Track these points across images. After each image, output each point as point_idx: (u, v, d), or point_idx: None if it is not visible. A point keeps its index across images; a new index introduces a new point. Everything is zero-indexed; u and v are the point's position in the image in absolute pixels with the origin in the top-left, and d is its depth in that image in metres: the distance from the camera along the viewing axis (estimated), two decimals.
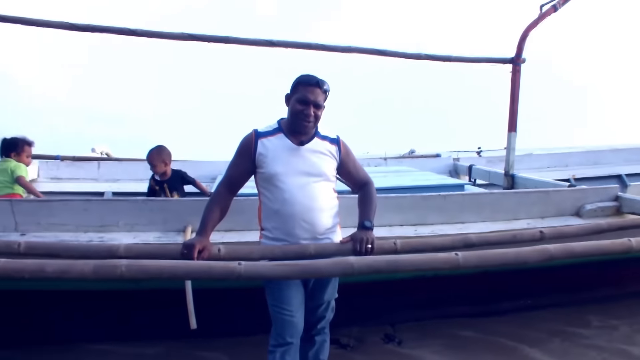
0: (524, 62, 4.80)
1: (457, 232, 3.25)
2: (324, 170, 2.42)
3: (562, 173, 6.17)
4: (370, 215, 2.45)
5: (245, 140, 2.45)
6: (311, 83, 2.34)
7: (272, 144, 2.40)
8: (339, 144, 2.50)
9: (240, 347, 3.38)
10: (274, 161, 2.36)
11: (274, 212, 2.38)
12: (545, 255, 2.16)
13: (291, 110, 2.38)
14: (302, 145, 2.40)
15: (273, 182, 2.36)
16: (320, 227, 2.40)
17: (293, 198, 2.33)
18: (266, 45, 4.32)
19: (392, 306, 3.79)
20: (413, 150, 8.46)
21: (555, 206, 3.52)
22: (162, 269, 1.92)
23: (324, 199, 2.42)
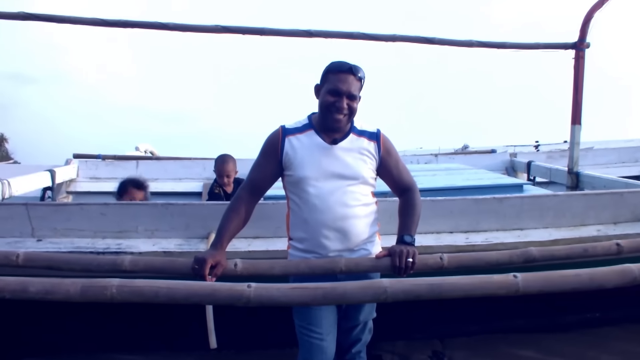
0: (589, 47, 4.24)
1: (515, 241, 2.83)
2: (360, 172, 2.07)
3: (632, 169, 5.51)
4: (412, 228, 2.06)
5: (271, 139, 2.13)
6: (343, 70, 2.00)
7: (301, 142, 2.08)
8: (379, 140, 2.13)
9: None
10: (303, 163, 2.05)
11: (302, 220, 2.06)
12: (627, 278, 1.72)
13: (321, 103, 2.05)
14: (335, 144, 2.06)
15: (302, 187, 2.05)
16: (355, 238, 2.06)
17: (324, 205, 2.01)
18: (304, 36, 4.00)
19: (441, 317, 3.36)
20: (467, 145, 7.94)
21: (630, 210, 3.01)
22: (157, 291, 1.61)
23: (360, 205, 2.07)
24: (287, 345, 3.08)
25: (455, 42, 4.12)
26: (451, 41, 4.11)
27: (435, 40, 4.06)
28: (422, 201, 2.18)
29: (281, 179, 2.17)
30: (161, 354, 3.18)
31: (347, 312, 2.16)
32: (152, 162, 5.78)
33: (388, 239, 2.28)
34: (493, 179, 4.00)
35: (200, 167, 5.60)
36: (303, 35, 4.00)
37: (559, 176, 4.71)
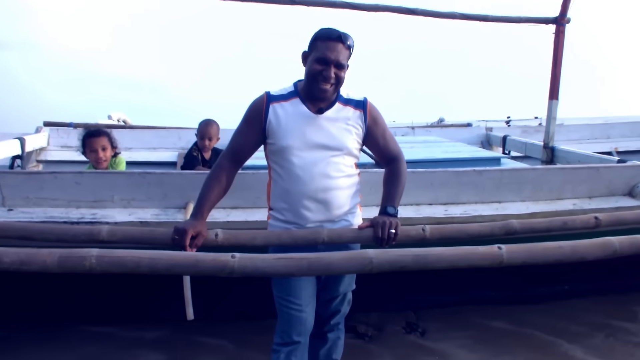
0: (569, 22, 4.26)
1: (493, 213, 2.86)
2: (345, 142, 2.02)
3: (604, 145, 5.61)
4: (396, 199, 2.03)
5: (255, 105, 2.05)
6: (332, 37, 1.92)
7: (286, 110, 2.01)
8: (366, 108, 2.07)
9: (248, 333, 3.08)
10: (287, 132, 1.98)
11: (284, 190, 2.01)
12: (608, 251, 1.75)
13: (308, 71, 1.97)
14: (321, 114, 2.00)
15: (285, 156, 1.99)
16: (337, 209, 2.03)
17: (307, 175, 1.96)
18: (286, 4, 3.90)
19: (415, 289, 3.40)
20: (442, 118, 7.95)
21: (605, 185, 3.06)
22: (139, 262, 1.56)
23: (343, 177, 2.03)
24: (267, 316, 3.11)
25: (437, 14, 4.10)
26: (434, 12, 4.08)
27: (418, 11, 4.01)
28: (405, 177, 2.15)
29: (263, 147, 2.11)
30: (135, 326, 3.15)
31: (327, 284, 2.13)
32: (125, 131, 5.61)
33: (368, 210, 2.27)
34: (471, 152, 4.03)
35: (175, 136, 5.48)
36: (285, 2, 3.91)
37: (534, 150, 4.77)
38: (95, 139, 3.27)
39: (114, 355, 2.86)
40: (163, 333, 3.09)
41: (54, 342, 2.96)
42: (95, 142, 3.26)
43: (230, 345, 2.98)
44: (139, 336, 3.05)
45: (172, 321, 3.16)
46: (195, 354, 2.90)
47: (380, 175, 2.51)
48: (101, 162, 3.28)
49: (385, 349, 2.98)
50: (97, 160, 3.27)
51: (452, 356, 2.90)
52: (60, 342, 2.96)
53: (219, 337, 3.05)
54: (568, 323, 3.24)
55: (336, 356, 2.28)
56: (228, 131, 5.26)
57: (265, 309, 2.86)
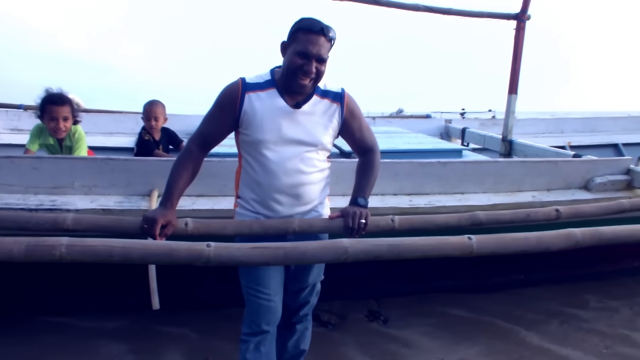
0: (529, 19, 4.39)
1: (456, 204, 2.95)
2: (320, 138, 1.99)
3: (558, 140, 5.84)
4: (367, 190, 2.05)
5: (230, 91, 1.96)
6: (314, 30, 1.84)
7: (262, 102, 1.94)
8: (343, 101, 2.03)
9: (211, 322, 3.08)
10: (262, 125, 1.92)
11: (256, 182, 1.98)
12: (571, 241, 1.83)
13: (288, 63, 1.89)
14: (298, 108, 1.95)
15: (259, 149, 1.94)
16: (309, 203, 2.04)
17: (280, 170, 1.94)
18: None
19: (377, 278, 3.47)
20: (401, 109, 8.06)
21: (562, 178, 3.20)
22: (111, 251, 1.53)
23: (316, 172, 2.02)
24: (231, 304, 3.10)
25: (401, 5, 4.14)
26: (398, 4, 4.12)
27: (382, 2, 4.07)
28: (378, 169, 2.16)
29: (234, 134, 2.05)
30: (95, 316, 3.09)
31: (297, 274, 2.14)
32: (80, 114, 5.42)
33: (332, 199, 2.30)
34: (433, 144, 4.11)
35: (133, 121, 5.33)
36: None
37: (493, 143, 4.91)
38: (58, 108, 3.06)
39: (75, 346, 2.79)
40: (123, 323, 3.05)
41: (11, 336, 2.87)
42: (57, 111, 3.05)
43: (194, 335, 2.96)
44: (99, 326, 2.99)
45: (133, 311, 3.12)
46: (159, 343, 2.87)
47: (345, 165, 2.54)
48: (60, 132, 3.10)
49: (348, 337, 3.03)
50: (55, 130, 3.08)
51: (414, 343, 2.98)
52: (18, 336, 2.88)
53: (182, 326, 3.03)
54: (524, 311, 3.38)
55: (304, 346, 2.31)
56: (191, 117, 5.17)
57: (229, 297, 2.87)
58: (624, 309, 3.44)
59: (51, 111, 3.06)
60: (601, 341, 3.01)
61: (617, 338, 3.05)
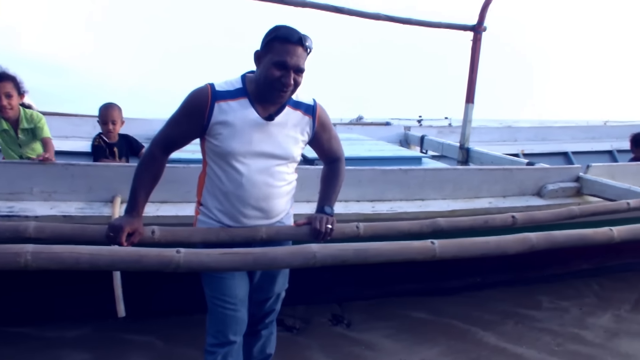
0: (485, 31, 4.56)
1: (417, 210, 3.03)
2: (291, 152, 1.96)
3: (511, 147, 6.07)
4: (333, 198, 2.07)
5: (198, 99, 1.87)
6: (292, 40, 1.77)
7: (233, 112, 1.86)
8: (315, 114, 2.00)
9: (176, 329, 3.05)
10: (233, 137, 1.86)
11: (222, 193, 1.93)
12: (527, 245, 1.94)
13: (264, 74, 1.81)
14: (271, 120, 1.89)
15: (228, 161, 1.89)
16: (275, 216, 2.01)
17: (249, 183, 1.89)
18: None
19: (340, 282, 3.53)
20: (361, 116, 8.15)
21: (517, 185, 3.34)
22: (78, 258, 1.52)
23: (285, 184, 2.01)
24: (195, 311, 3.08)
25: (363, 14, 4.22)
26: (360, 12, 4.19)
27: (345, 10, 4.12)
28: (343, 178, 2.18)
29: (199, 140, 1.98)
30: (54, 325, 3.01)
31: (261, 285, 2.12)
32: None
33: (298, 206, 2.32)
34: (394, 151, 4.21)
35: (90, 125, 5.22)
36: None
37: (451, 151, 5.06)
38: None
39: (34, 358, 2.72)
40: (85, 331, 2.98)
41: None
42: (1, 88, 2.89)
43: (159, 342, 2.93)
44: (59, 336, 2.91)
45: (95, 319, 3.06)
46: (123, 351, 2.83)
47: (309, 172, 2.56)
48: (5, 111, 2.93)
49: (313, 341, 3.06)
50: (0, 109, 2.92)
51: (377, 345, 3.04)
52: None
53: (147, 334, 2.99)
54: (482, 312, 3.50)
55: (270, 350, 2.32)
56: (151, 122, 5.06)
57: (194, 303, 2.86)
58: (574, 309, 3.61)
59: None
60: (553, 339, 3.15)
61: (568, 336, 3.19)
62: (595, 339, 3.18)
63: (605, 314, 3.56)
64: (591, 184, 3.38)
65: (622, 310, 3.63)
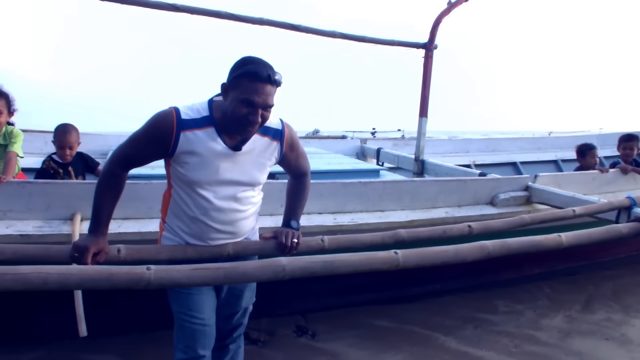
0: (436, 48, 4.74)
1: (377, 221, 3.12)
2: (257, 179, 1.96)
3: (464, 159, 6.30)
4: (298, 212, 2.11)
5: (162, 126, 1.80)
6: (261, 78, 1.71)
7: (200, 143, 1.81)
8: (283, 138, 1.97)
9: (138, 346, 3.01)
10: (199, 167, 1.83)
11: (188, 217, 1.92)
12: (483, 252, 2.03)
13: (231, 110, 1.76)
14: (238, 150, 1.86)
15: (194, 189, 1.87)
16: (241, 234, 2.04)
17: (216, 210, 1.90)
18: (169, 10, 3.84)
19: (302, 294, 3.56)
20: (317, 129, 8.27)
21: (471, 195, 3.48)
22: (46, 278, 1.49)
23: (251, 207, 2.01)
24: (157, 327, 3.05)
25: (319, 32, 4.32)
26: (316, 30, 4.30)
27: (302, 28, 4.21)
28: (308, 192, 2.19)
29: (164, 162, 1.95)
30: (11, 348, 2.90)
31: (229, 299, 2.13)
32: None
33: (261, 219, 2.35)
34: (353, 164, 4.30)
35: (42, 141, 5.08)
36: (167, 8, 3.84)
37: (406, 163, 5.20)
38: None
39: None
40: (41, 353, 2.89)
41: None
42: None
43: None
44: (14, 358, 2.82)
45: (51, 340, 2.97)
46: None
47: (272, 185, 2.59)
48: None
49: (278, 352, 3.08)
50: None
51: (342, 354, 3.08)
52: None
53: (107, 353, 2.92)
54: (442, 318, 3.60)
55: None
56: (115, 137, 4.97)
57: (156, 320, 2.82)
58: (529, 312, 3.76)
59: None
60: (510, 341, 3.28)
61: (524, 338, 3.32)
62: (550, 339, 3.32)
63: (557, 315, 3.72)
64: (539, 192, 3.55)
65: (573, 311, 3.80)
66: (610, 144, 6.81)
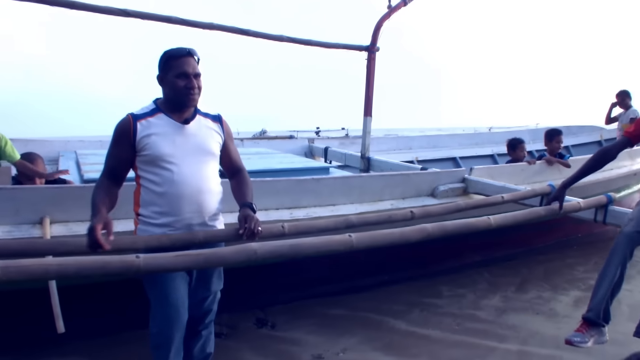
0: (378, 51, 5.16)
1: (330, 214, 3.46)
2: (212, 148, 2.32)
3: (407, 155, 6.78)
4: (250, 197, 2.41)
5: (122, 127, 2.22)
6: (183, 54, 2.21)
7: (154, 125, 2.22)
8: (222, 122, 2.41)
9: (105, 349, 3.22)
10: (159, 142, 2.20)
11: (158, 195, 2.21)
12: (424, 233, 2.41)
13: (172, 87, 2.21)
14: (187, 124, 2.26)
15: (159, 164, 2.20)
16: (209, 211, 2.31)
17: (183, 179, 2.21)
18: (120, 15, 4.06)
19: (259, 289, 3.87)
20: (265, 130, 8.56)
21: (414, 188, 3.91)
22: (47, 269, 1.74)
23: (213, 181, 2.33)
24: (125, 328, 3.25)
25: (268, 36, 4.64)
26: (264, 34, 4.61)
27: (251, 33, 4.52)
28: (252, 182, 2.48)
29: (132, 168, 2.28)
30: None
31: (199, 285, 2.39)
32: None
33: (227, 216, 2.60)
34: (303, 162, 4.66)
35: None
36: (118, 14, 4.04)
37: (353, 160, 5.61)
38: None
39: None
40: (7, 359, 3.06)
41: None
42: None
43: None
44: None
45: (20, 344, 3.13)
46: None
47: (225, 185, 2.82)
48: None
49: (242, 344, 3.37)
50: None
51: (302, 341, 3.42)
52: None
53: (77, 355, 3.12)
54: (391, 304, 4.01)
55: (210, 349, 2.58)
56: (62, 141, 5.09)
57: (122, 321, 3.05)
58: (469, 294, 4.24)
59: None
60: (454, 320, 3.73)
61: (466, 317, 3.79)
62: (488, 317, 3.81)
63: (495, 296, 4.23)
64: (474, 183, 4.03)
65: (509, 292, 4.33)
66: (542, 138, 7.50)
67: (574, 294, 4.28)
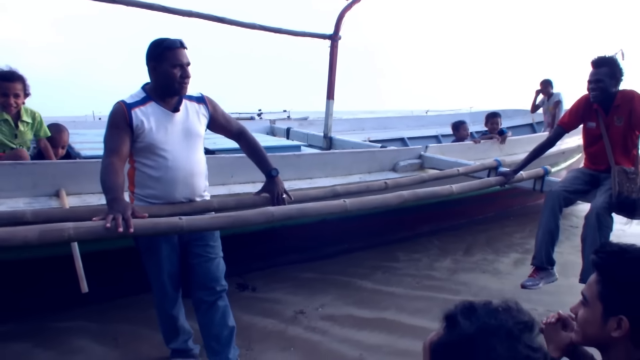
0: (340, 39, 5.67)
1: (309, 187, 3.96)
2: (199, 131, 2.57)
3: (360, 135, 7.36)
4: (268, 161, 2.82)
5: (117, 112, 2.40)
6: (177, 46, 2.41)
7: (147, 114, 2.43)
8: (205, 101, 2.62)
9: (107, 311, 3.57)
10: (152, 130, 2.42)
11: (154, 179, 2.48)
12: (401, 199, 2.95)
13: (165, 76, 2.40)
14: (177, 111, 2.49)
15: (154, 151, 2.44)
16: (199, 190, 2.62)
17: (176, 165, 2.47)
18: (105, 1, 4.30)
19: (238, 258, 4.31)
20: None
21: (378, 163, 4.48)
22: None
23: (202, 163, 2.62)
24: None
25: (241, 24, 5.04)
26: (238, 22, 5.01)
27: (226, 20, 4.90)
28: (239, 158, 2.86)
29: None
30: None
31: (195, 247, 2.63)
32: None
33: None
34: (277, 141, 5.14)
35: None
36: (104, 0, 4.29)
37: (315, 140, 6.12)
38: (9, 84, 3.25)
39: None
40: (8, 328, 3.31)
41: None
42: (9, 87, 3.25)
43: (93, 325, 3.46)
44: None
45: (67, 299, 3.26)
46: (58, 334, 3.31)
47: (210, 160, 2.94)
48: (10, 109, 3.29)
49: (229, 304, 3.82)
50: (5, 105, 3.26)
51: (282, 300, 3.93)
52: None
53: (76, 319, 3.48)
54: (355, 268, 4.59)
55: (232, 322, 2.76)
56: None
57: None
58: (424, 258, 4.91)
59: (2, 87, 3.24)
60: (413, 279, 4.36)
61: (423, 277, 4.43)
62: (442, 276, 4.47)
63: (446, 259, 4.91)
64: (430, 159, 4.65)
65: (458, 255, 5.04)
66: (479, 121, 8.25)
67: (513, 255, 5.04)
